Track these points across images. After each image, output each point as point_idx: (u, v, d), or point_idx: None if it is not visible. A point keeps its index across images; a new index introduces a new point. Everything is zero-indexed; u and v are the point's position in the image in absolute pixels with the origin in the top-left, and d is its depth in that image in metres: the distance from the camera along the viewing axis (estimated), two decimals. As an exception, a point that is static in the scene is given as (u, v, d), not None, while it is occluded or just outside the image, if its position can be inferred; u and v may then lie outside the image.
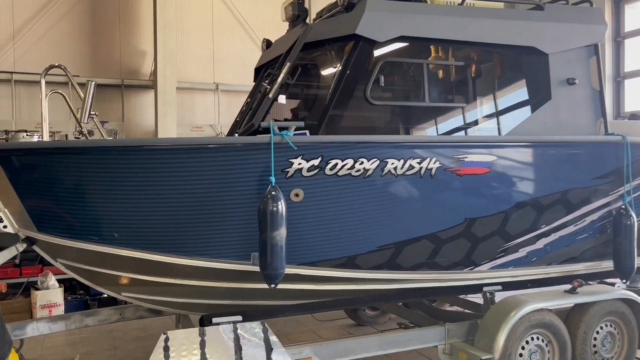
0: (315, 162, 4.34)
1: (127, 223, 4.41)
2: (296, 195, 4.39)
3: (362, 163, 4.45)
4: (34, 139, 4.60)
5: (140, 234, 4.44)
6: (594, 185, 5.30)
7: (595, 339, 5.29)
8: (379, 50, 4.73)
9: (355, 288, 4.93)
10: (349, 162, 4.41)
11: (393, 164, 4.53)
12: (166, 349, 3.93)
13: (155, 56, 9.60)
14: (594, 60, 5.49)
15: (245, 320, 4.62)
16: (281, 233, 4.09)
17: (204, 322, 4.55)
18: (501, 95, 5.15)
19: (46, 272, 8.20)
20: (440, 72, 5.01)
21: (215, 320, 4.53)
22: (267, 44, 6.50)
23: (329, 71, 4.97)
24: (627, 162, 5.26)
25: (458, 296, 6.22)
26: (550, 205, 5.19)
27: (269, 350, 3.91)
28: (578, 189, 5.26)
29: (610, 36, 10.54)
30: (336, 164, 4.39)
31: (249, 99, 6.13)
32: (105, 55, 9.91)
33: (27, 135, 4.56)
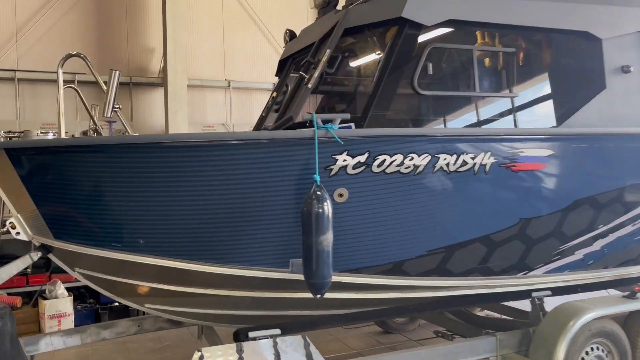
0: (362, 159, 3.92)
1: (154, 228, 3.99)
2: (340, 195, 3.97)
3: (412, 159, 4.03)
4: (49, 136, 4.16)
5: (168, 239, 4.02)
6: (655, 181, 4.89)
7: (658, 348, 4.89)
8: (426, 35, 4.31)
9: (401, 296, 4.52)
10: (398, 158, 4.00)
11: (445, 159, 4.11)
12: (203, 368, 3.51)
13: (164, 52, 9.17)
14: (650, 46, 5.09)
15: (284, 333, 4.20)
16: (328, 237, 3.67)
17: (239, 337, 4.12)
18: (553, 84, 4.73)
19: (55, 280, 7.76)
20: (489, 59, 4.60)
21: (252, 334, 4.11)
22: (291, 34, 6.09)
23: (370, 59, 4.55)
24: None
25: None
26: (608, 204, 4.78)
27: (314, 367, 3.50)
28: (637, 184, 4.86)
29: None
30: (384, 160, 3.97)
31: (275, 93, 5.71)
32: (112, 51, 9.48)
33: (41, 132, 4.12)
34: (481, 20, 4.42)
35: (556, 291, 5.08)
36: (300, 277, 4.16)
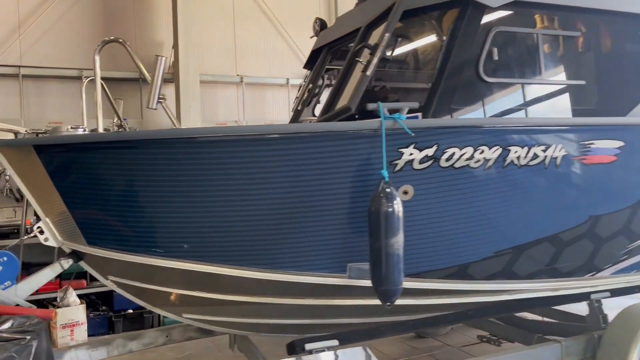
0: (430, 152, 3.57)
1: (200, 231, 3.61)
2: (405, 193, 3.62)
3: (483, 152, 3.68)
4: (79, 132, 3.77)
5: (216, 244, 3.64)
6: None
7: None
8: (490, 17, 3.97)
9: (462, 301, 4.17)
10: (468, 151, 3.65)
11: (516, 152, 3.77)
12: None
13: (175, 47, 8.76)
14: None
15: (341, 344, 3.84)
16: (399, 240, 3.32)
17: (295, 349, 3.76)
18: (621, 72, 4.41)
19: (65, 287, 7.31)
20: (556, 44, 4.26)
21: (308, 346, 3.74)
22: (321, 24, 5.73)
23: (429, 43, 4.20)
24: None
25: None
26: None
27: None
28: None
29: None
30: (453, 153, 3.62)
31: (311, 84, 5.35)
32: (118, 47, 9.02)
33: (71, 128, 3.73)
34: (548, 2, 4.08)
35: (615, 292, 4.77)
36: (357, 283, 3.83)
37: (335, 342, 3.84)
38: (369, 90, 4.66)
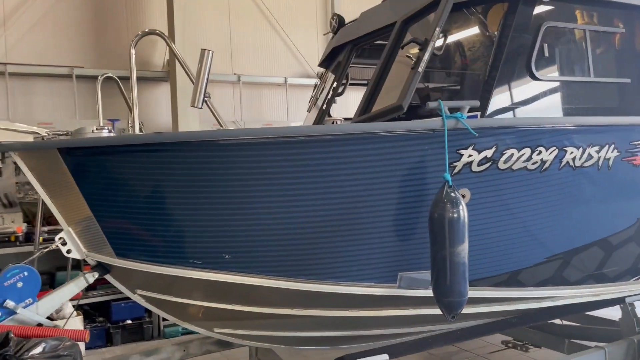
0: (489, 154, 3.37)
1: (244, 240, 3.33)
2: (462, 197, 3.40)
3: (540, 153, 3.50)
4: (103, 133, 3.45)
5: (261, 254, 3.37)
6: None
7: None
8: (541, 11, 3.79)
9: (508, 309, 4.00)
10: (526, 153, 3.46)
11: (572, 153, 3.60)
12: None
13: (171, 44, 8.38)
14: None
15: (392, 358, 3.61)
16: (465, 248, 3.11)
17: (344, 365, 3.52)
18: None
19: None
20: (606, 40, 4.11)
21: (360, 362, 3.51)
22: (339, 20, 5.50)
23: (477, 38, 4.00)
24: None
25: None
26: None
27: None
28: None
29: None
30: (511, 155, 3.42)
31: (335, 82, 5.10)
32: (111, 43, 8.63)
33: (97, 129, 3.40)
34: (595, -3, 3.94)
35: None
36: (406, 293, 3.61)
37: (385, 357, 3.61)
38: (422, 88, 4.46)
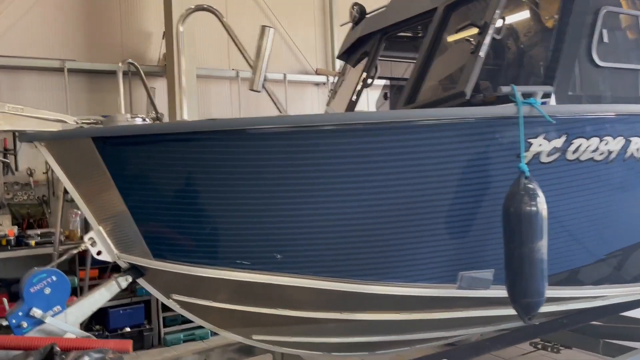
0: (558, 143, 3.15)
1: (297, 238, 3.03)
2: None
3: (607, 143, 3.30)
4: (137, 122, 3.12)
5: (315, 253, 3.08)
6: None
7: None
8: (599, -5, 3.61)
9: (562, 309, 3.80)
10: (594, 142, 3.25)
11: (636, 144, 3.42)
12: None
13: (167, 37, 8.01)
14: None
15: (451, 364, 3.37)
16: (544, 243, 2.88)
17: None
18: None
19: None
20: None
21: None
22: (361, 10, 5.26)
23: (534, 22, 3.78)
24: None
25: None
26: None
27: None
28: None
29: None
30: (580, 144, 3.21)
31: (365, 72, 4.83)
32: (103, 35, 8.19)
33: (131, 117, 3.07)
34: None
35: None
36: (465, 294, 3.38)
37: (445, 362, 3.37)
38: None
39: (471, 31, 3.67)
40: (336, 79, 5.62)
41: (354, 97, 4.76)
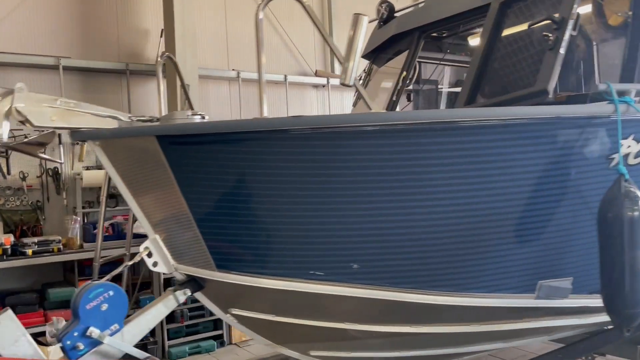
0: (647, 145, 3.00)
1: (377, 246, 2.78)
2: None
3: None
4: (196, 120, 2.82)
5: (395, 263, 2.83)
6: None
7: None
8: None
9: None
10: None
11: None
12: None
13: (170, 35, 7.64)
14: None
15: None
16: (648, 251, 2.71)
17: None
18: None
19: (58, 319, 6.00)
20: None
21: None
22: (390, 8, 5.08)
23: (603, 18, 3.63)
24: None
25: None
26: None
27: None
28: None
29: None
30: (665, 146, 3.07)
31: (405, 71, 4.62)
32: (99, 32, 7.77)
33: (192, 114, 2.77)
34: None
35: None
36: (541, 304, 3.18)
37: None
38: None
39: (518, 28, 3.56)
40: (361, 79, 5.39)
41: (394, 97, 4.54)
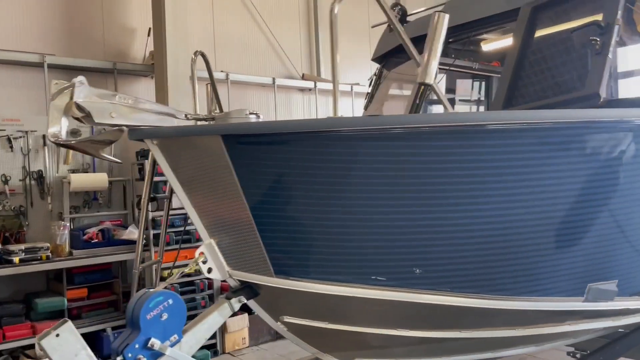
0: (692, 149, 3.06)
1: (442, 250, 2.73)
2: None
3: None
4: (251, 119, 2.70)
5: (458, 267, 2.79)
6: None
7: None
8: None
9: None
10: None
11: None
12: None
13: (161, 33, 7.39)
14: None
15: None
16: None
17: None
18: None
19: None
20: None
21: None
22: (403, 11, 5.08)
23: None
24: None
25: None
26: None
27: None
28: None
29: None
30: None
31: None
32: (83, 29, 7.45)
33: (250, 113, 2.65)
34: None
35: None
36: (587, 307, 3.21)
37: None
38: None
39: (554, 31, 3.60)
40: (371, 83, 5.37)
41: (418, 100, 4.50)
